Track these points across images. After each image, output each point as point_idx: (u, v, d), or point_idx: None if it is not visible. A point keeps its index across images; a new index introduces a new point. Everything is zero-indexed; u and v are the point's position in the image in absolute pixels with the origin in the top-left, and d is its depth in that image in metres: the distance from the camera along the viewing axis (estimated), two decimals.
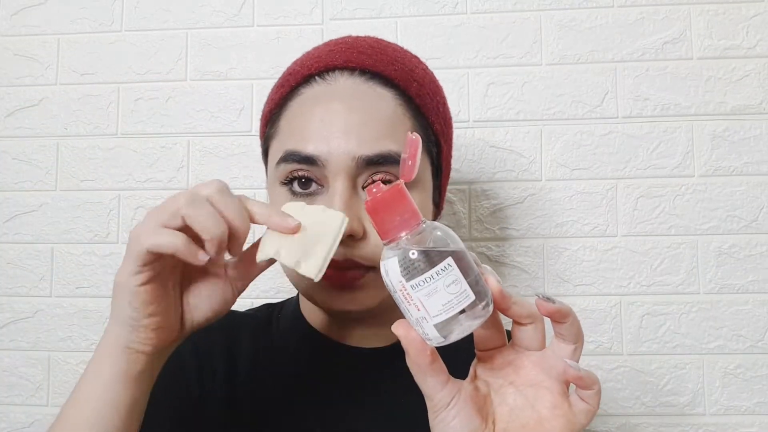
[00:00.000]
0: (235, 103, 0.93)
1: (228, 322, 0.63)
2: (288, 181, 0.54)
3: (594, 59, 0.90)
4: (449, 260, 0.38)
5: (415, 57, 0.62)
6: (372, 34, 0.91)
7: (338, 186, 0.51)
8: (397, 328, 0.40)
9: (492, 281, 0.39)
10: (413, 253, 0.38)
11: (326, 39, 0.92)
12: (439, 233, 0.39)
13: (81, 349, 0.91)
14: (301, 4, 0.93)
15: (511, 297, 0.40)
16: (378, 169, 0.52)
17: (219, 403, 0.57)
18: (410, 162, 0.41)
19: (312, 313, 0.62)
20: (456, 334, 0.38)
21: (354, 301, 0.53)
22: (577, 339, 0.41)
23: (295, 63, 0.61)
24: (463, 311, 0.37)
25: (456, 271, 0.38)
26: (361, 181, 0.53)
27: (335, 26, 0.93)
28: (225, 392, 0.58)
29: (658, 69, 0.89)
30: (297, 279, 0.56)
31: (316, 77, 0.56)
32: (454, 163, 0.90)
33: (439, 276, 0.37)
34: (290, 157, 0.53)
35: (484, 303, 0.38)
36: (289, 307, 0.66)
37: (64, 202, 0.94)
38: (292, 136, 0.55)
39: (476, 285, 0.38)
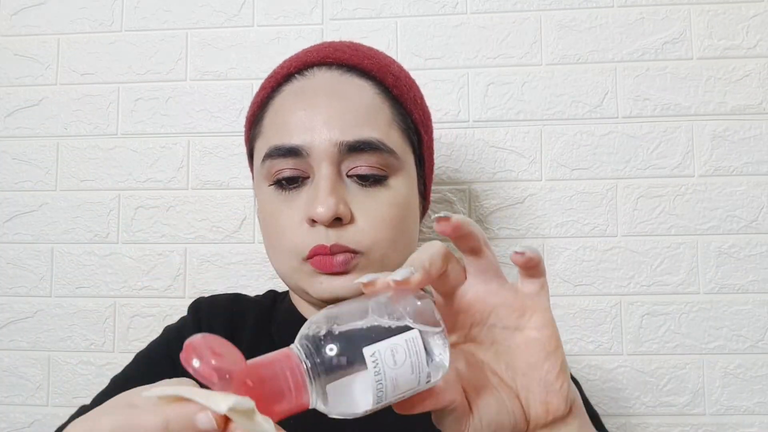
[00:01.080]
0: (235, 103, 0.93)
1: (235, 306, 0.65)
2: (275, 181, 0.55)
3: (594, 59, 0.90)
4: (366, 351, 0.30)
5: (390, 56, 0.64)
6: (372, 34, 0.92)
7: (323, 172, 0.53)
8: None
9: (423, 269, 0.35)
10: (330, 395, 0.30)
11: (326, 39, 0.93)
12: (319, 336, 0.30)
13: (81, 349, 0.92)
14: (301, 4, 0.93)
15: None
16: (360, 156, 0.53)
17: None
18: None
19: (304, 306, 0.62)
20: (446, 358, 0.33)
21: (345, 287, 0.53)
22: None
23: (274, 68, 0.62)
24: (427, 353, 0.32)
25: (381, 347, 0.30)
26: (345, 167, 0.54)
27: (335, 26, 0.93)
28: None
29: (658, 69, 0.89)
30: (286, 272, 0.57)
31: (296, 74, 0.58)
32: (454, 163, 0.90)
33: (377, 372, 0.30)
34: (275, 152, 0.54)
35: (430, 323, 0.32)
36: (287, 299, 0.66)
37: (64, 202, 0.94)
38: (276, 131, 0.56)
39: (406, 320, 0.31)
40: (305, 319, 0.61)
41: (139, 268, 0.92)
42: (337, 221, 0.52)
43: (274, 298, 0.68)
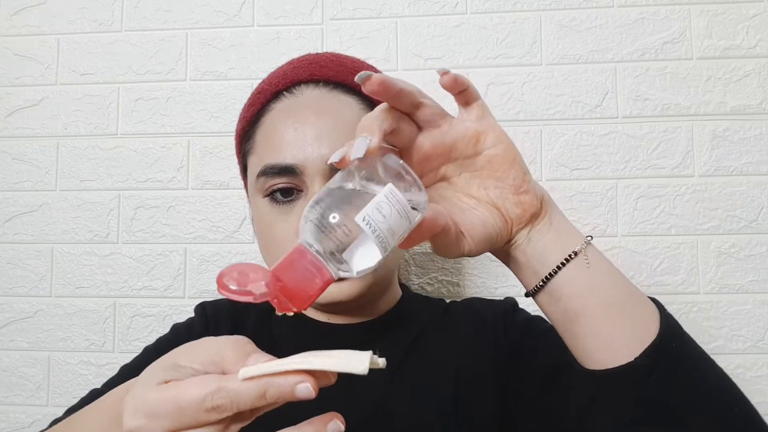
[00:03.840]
0: (235, 103, 0.93)
1: (237, 307, 0.70)
2: (269, 193, 0.59)
3: (594, 59, 0.90)
4: (358, 219, 0.35)
5: (372, 66, 0.66)
6: (372, 34, 0.92)
7: (316, 188, 0.56)
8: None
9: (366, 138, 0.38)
10: (347, 262, 0.36)
11: (326, 39, 0.93)
12: (322, 223, 0.36)
13: (81, 349, 0.91)
14: (301, 4, 0.93)
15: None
16: None
17: None
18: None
19: None
20: (422, 191, 0.38)
21: (342, 292, 0.57)
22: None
23: (261, 83, 0.65)
24: (405, 194, 0.37)
25: (368, 210, 0.35)
26: None
27: (335, 26, 0.93)
28: None
29: (658, 69, 0.89)
30: None
31: (284, 92, 0.61)
32: None
33: (374, 230, 0.35)
34: (270, 170, 0.57)
35: (397, 172, 0.38)
36: None
37: (64, 202, 0.94)
38: (268, 149, 0.59)
39: (380, 179, 0.37)
40: (303, 315, 0.64)
41: (139, 268, 0.92)
42: None
43: None
